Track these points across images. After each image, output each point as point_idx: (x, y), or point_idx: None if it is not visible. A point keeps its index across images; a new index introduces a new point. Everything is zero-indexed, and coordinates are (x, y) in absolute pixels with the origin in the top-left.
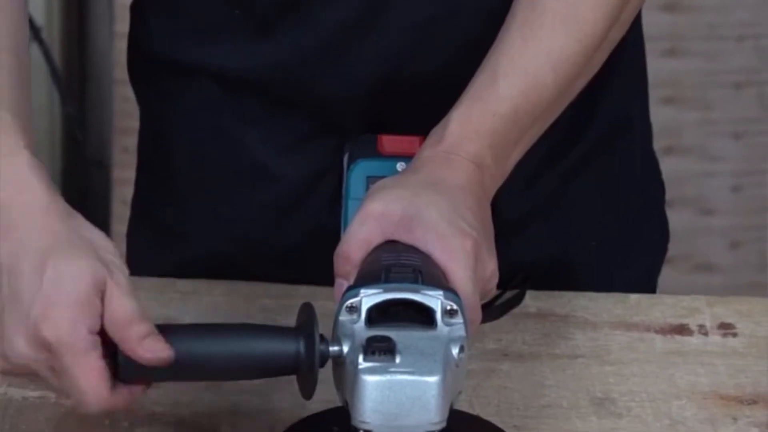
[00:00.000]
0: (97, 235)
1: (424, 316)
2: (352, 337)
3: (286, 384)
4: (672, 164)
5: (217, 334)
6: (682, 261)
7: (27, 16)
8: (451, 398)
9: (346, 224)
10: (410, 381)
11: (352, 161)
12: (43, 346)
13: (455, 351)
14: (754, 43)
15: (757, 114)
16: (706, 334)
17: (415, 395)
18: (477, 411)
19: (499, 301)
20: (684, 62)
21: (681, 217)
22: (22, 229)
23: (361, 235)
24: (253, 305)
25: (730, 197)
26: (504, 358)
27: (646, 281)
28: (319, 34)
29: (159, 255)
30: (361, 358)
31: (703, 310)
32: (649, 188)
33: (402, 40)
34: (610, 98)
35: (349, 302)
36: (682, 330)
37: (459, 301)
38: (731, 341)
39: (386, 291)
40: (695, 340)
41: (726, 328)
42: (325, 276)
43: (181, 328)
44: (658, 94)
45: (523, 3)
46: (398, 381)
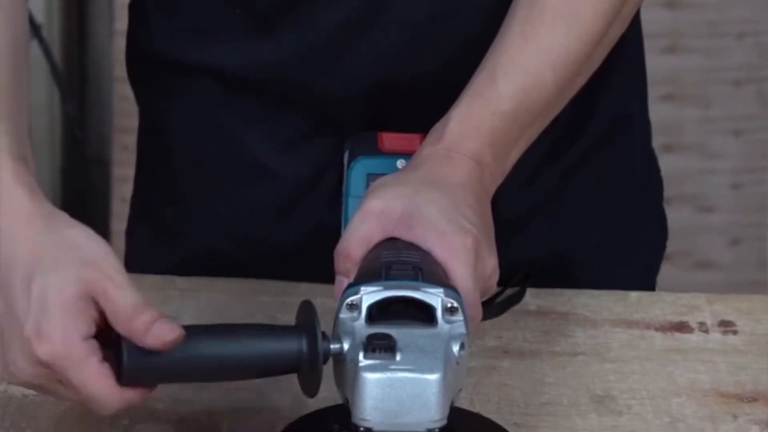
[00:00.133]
0: (82, 232)
1: (424, 314)
2: (352, 335)
3: (285, 382)
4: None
5: (219, 335)
6: (682, 258)
7: (27, 12)
8: (451, 396)
9: (347, 222)
10: (411, 378)
11: (352, 159)
12: (42, 364)
13: (456, 348)
14: (754, 40)
15: (757, 111)
16: (707, 332)
17: (416, 393)
18: (477, 408)
19: (500, 299)
20: (684, 59)
21: (681, 215)
22: (7, 241)
23: (362, 232)
24: (252, 303)
25: (730, 194)
26: (504, 356)
27: (645, 278)
28: (319, 33)
29: (159, 254)
30: (362, 356)
31: (704, 308)
32: (649, 185)
33: (402, 39)
34: (610, 95)
35: (349, 300)
36: (682, 327)
37: (459, 299)
38: (731, 339)
39: (386, 288)
40: (695, 338)
41: (726, 326)
42: (325, 274)
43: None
44: (658, 91)
45: (522, 1)
46: (399, 378)
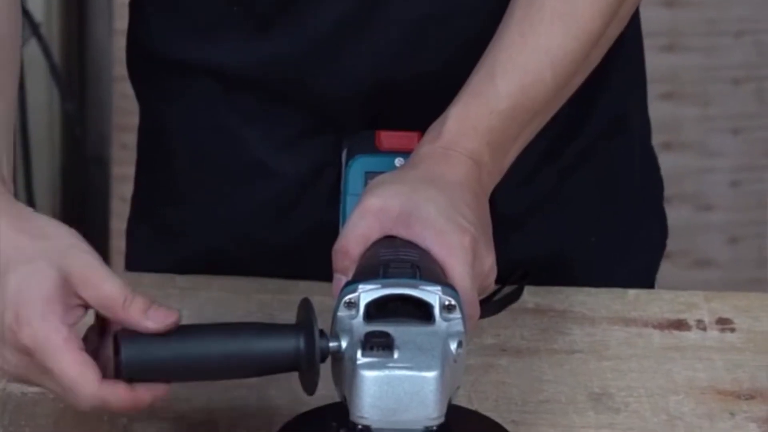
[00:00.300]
0: (54, 224)
1: (422, 312)
2: (350, 333)
3: (283, 380)
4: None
5: (218, 334)
6: (681, 256)
7: (19, 8)
8: (449, 393)
9: (345, 220)
10: (408, 376)
11: (350, 157)
12: (25, 351)
13: (453, 346)
14: (753, 39)
15: (756, 109)
16: (704, 330)
17: (414, 390)
18: (475, 406)
19: (498, 297)
20: (683, 58)
21: (680, 213)
22: None
23: (360, 230)
24: (251, 301)
25: (729, 193)
26: (502, 354)
27: (644, 277)
28: (318, 32)
29: (158, 252)
30: (360, 354)
31: (701, 306)
32: (648, 184)
33: (400, 38)
34: (609, 94)
35: (347, 298)
36: (680, 325)
37: (457, 297)
38: (729, 336)
39: (384, 286)
40: (693, 336)
41: (724, 324)
42: (324, 272)
43: (181, 329)
44: (657, 89)
45: (521, 0)
46: (396, 376)
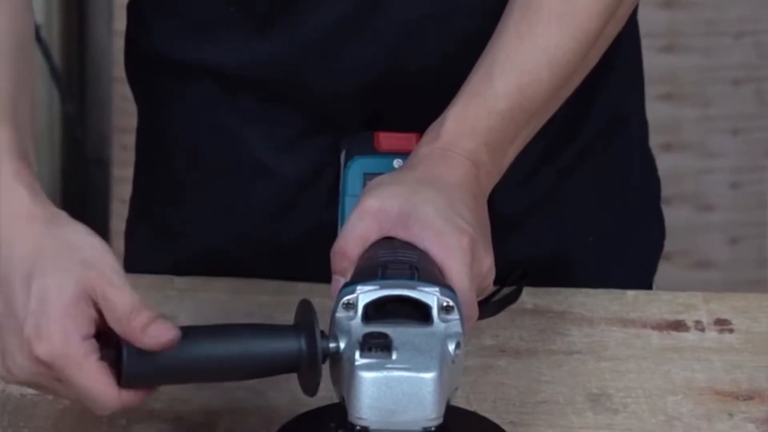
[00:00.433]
0: (82, 233)
1: (420, 313)
2: (348, 334)
3: (282, 381)
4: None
5: (218, 336)
6: (681, 257)
7: (31, 9)
8: (447, 394)
9: (344, 221)
10: (407, 377)
11: (349, 158)
12: (41, 363)
13: (452, 347)
14: (753, 39)
15: (756, 110)
16: (703, 330)
17: (412, 391)
18: (474, 407)
19: (496, 298)
20: (682, 58)
21: (680, 214)
22: (7, 240)
23: (358, 231)
24: (250, 302)
25: (729, 193)
26: (501, 355)
27: (642, 277)
28: (317, 31)
29: (158, 253)
30: (358, 355)
31: (700, 307)
32: (646, 185)
33: (398, 37)
34: (607, 94)
35: (345, 299)
36: (679, 326)
37: (455, 298)
38: (727, 337)
39: (383, 287)
40: (692, 336)
41: (722, 324)
42: (323, 272)
43: (182, 331)
44: (657, 90)
45: (519, 0)
46: (395, 377)
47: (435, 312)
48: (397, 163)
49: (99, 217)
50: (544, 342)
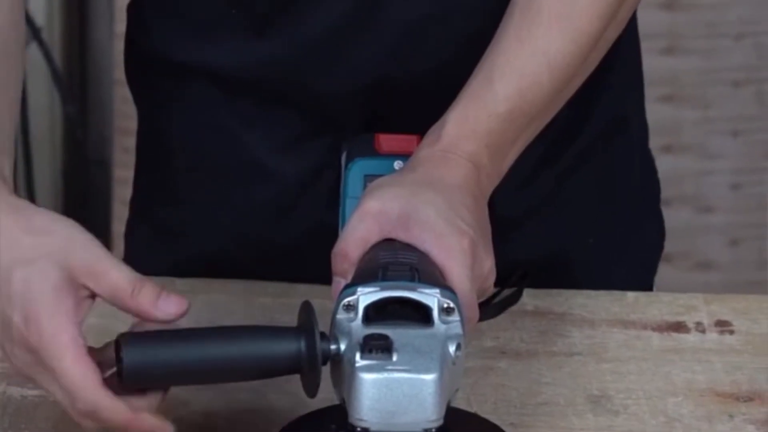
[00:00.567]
0: (51, 218)
1: (421, 314)
2: (349, 335)
3: (283, 382)
4: (671, 162)
5: (219, 337)
6: (682, 259)
7: (23, 11)
8: (448, 396)
9: (344, 223)
10: (407, 379)
11: (349, 160)
12: (32, 349)
13: (452, 349)
14: (753, 41)
15: (756, 112)
16: (703, 332)
17: (412, 393)
18: (474, 408)
19: (497, 299)
20: (682, 60)
21: (680, 215)
22: None
23: (359, 233)
24: (251, 304)
25: (729, 195)
26: (501, 356)
27: (642, 278)
28: (316, 32)
29: (158, 254)
30: (358, 356)
31: (700, 308)
32: (646, 187)
33: (398, 38)
34: (606, 96)
35: (346, 300)
36: (679, 327)
37: (456, 299)
38: (728, 339)
39: (383, 289)
40: (692, 338)
41: (723, 326)
42: (323, 274)
43: (183, 332)
44: (657, 92)
45: (519, 3)
46: (395, 379)
47: (435, 313)
48: (398, 164)
49: (100, 218)
50: (544, 343)
